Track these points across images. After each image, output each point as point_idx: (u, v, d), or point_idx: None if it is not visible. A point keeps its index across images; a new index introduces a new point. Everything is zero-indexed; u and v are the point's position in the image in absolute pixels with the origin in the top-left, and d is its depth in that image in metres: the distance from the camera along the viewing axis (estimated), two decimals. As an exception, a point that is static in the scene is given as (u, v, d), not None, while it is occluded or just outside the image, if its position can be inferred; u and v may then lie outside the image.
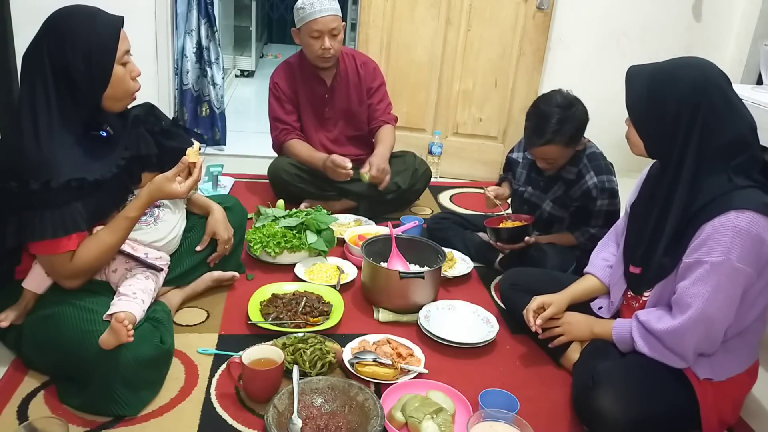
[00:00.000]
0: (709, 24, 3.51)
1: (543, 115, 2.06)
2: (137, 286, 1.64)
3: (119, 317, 1.45)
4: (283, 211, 2.45)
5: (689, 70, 1.45)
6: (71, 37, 1.50)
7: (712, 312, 1.41)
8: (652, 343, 1.50)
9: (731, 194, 1.38)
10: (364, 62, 2.86)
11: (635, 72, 1.52)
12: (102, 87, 1.55)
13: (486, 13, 3.31)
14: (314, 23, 2.57)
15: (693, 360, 1.48)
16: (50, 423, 1.27)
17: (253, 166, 3.35)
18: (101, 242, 1.59)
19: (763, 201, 1.38)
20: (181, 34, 3.42)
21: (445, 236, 2.48)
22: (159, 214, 1.81)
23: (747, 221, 1.35)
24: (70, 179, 1.48)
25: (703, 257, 1.39)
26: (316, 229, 2.32)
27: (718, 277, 1.38)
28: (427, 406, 1.49)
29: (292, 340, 1.75)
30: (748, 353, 1.53)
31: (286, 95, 2.77)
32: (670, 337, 1.46)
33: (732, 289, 1.40)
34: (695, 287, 1.41)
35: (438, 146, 3.48)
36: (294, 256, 2.27)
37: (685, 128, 1.43)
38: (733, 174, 1.40)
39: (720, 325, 1.43)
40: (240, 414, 1.54)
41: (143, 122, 1.76)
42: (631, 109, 1.52)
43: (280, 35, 7.94)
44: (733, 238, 1.35)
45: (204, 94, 3.55)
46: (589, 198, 2.16)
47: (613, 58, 3.56)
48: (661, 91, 1.45)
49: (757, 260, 1.38)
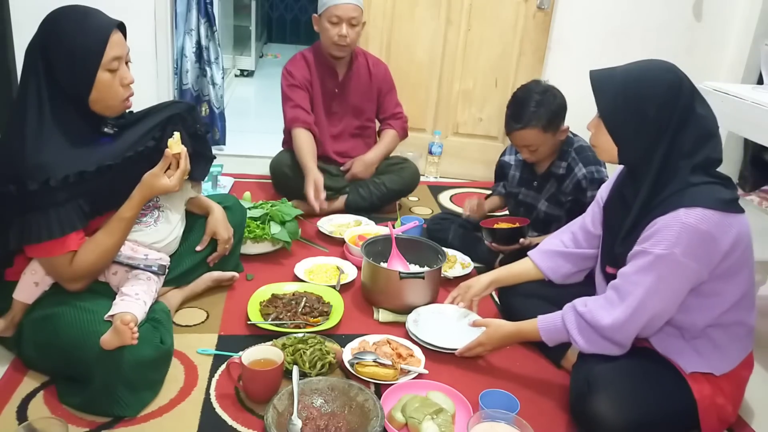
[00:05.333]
0: (709, 24, 3.51)
1: (520, 101, 2.13)
2: (139, 287, 1.64)
3: (125, 319, 1.45)
4: (249, 202, 2.48)
5: (662, 72, 1.44)
6: (58, 38, 1.49)
7: (652, 303, 1.43)
8: (590, 337, 1.52)
9: (684, 192, 1.40)
10: (376, 63, 2.90)
11: (603, 78, 1.48)
12: (85, 91, 1.53)
13: (486, 13, 3.31)
14: (335, 8, 2.63)
15: (629, 347, 1.51)
16: (50, 423, 1.27)
17: (253, 165, 3.35)
18: (99, 244, 1.58)
19: (718, 197, 1.38)
20: (181, 34, 3.41)
21: (445, 236, 2.48)
22: (159, 216, 1.81)
23: (695, 218, 1.35)
24: (68, 175, 1.47)
25: (649, 248, 1.40)
26: (280, 220, 2.36)
27: (660, 269, 1.39)
28: (427, 407, 1.49)
29: (292, 340, 1.75)
30: (738, 347, 1.52)
31: (300, 83, 2.76)
32: (612, 330, 1.48)
33: (675, 283, 1.41)
34: (637, 275, 1.43)
35: (438, 146, 3.48)
36: (257, 247, 2.31)
37: (662, 130, 1.42)
38: (692, 171, 1.41)
39: (659, 316, 1.46)
40: (240, 414, 1.54)
41: (183, 120, 1.75)
42: (606, 117, 1.48)
43: (279, 35, 7.94)
44: (679, 233, 1.36)
45: (203, 94, 3.55)
46: (579, 190, 2.17)
47: (613, 58, 3.52)
48: (639, 95, 1.42)
49: (706, 256, 1.38)
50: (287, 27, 7.99)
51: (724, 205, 1.38)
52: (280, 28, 7.95)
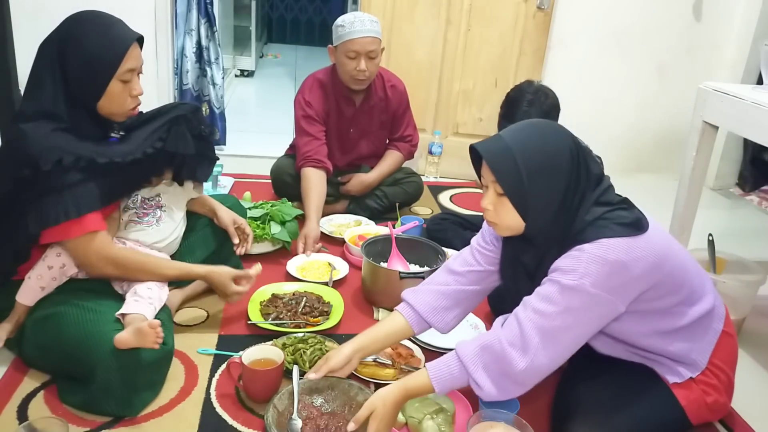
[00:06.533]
0: (709, 24, 3.51)
1: (512, 100, 2.14)
2: (155, 293, 1.66)
3: (153, 323, 1.46)
4: (250, 202, 2.47)
5: (559, 139, 1.34)
6: (79, 43, 1.53)
7: (557, 335, 1.30)
8: (505, 386, 1.32)
9: (584, 231, 1.31)
10: (394, 85, 2.76)
11: (497, 153, 1.32)
12: (95, 97, 1.56)
13: (486, 13, 3.31)
14: (351, 43, 2.47)
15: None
16: (50, 423, 1.27)
17: (253, 165, 3.35)
18: (138, 259, 1.66)
19: (619, 222, 1.31)
20: (181, 34, 3.41)
21: (445, 236, 2.48)
22: (161, 215, 1.81)
23: (602, 249, 1.28)
24: (80, 157, 1.50)
25: (556, 277, 1.30)
26: (281, 220, 2.36)
27: (569, 300, 1.28)
28: (427, 406, 1.49)
29: (292, 340, 1.75)
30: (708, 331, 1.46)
31: (319, 116, 2.62)
32: (529, 375, 1.31)
33: (584, 316, 1.30)
34: (542, 304, 1.30)
35: (438, 146, 3.48)
36: (257, 247, 2.30)
37: (572, 194, 1.34)
38: (588, 212, 1.33)
39: (563, 349, 1.32)
40: (240, 414, 1.54)
41: (187, 122, 1.77)
42: (513, 196, 1.33)
43: (279, 35, 7.95)
44: (588, 264, 1.27)
45: (204, 94, 3.55)
46: None
47: (613, 58, 3.57)
48: (544, 171, 1.31)
49: (620, 287, 1.29)
50: (287, 27, 7.99)
51: (628, 229, 1.30)
52: (280, 29, 7.95)
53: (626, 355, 1.50)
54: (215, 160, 1.94)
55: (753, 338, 2.10)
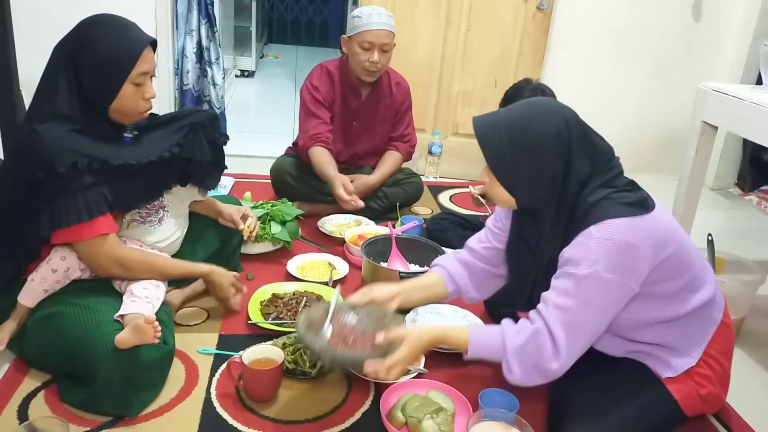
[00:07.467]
0: (709, 24, 3.52)
1: (511, 98, 2.15)
2: (150, 291, 1.66)
3: (149, 318, 1.47)
4: (250, 202, 2.48)
5: (548, 119, 1.35)
6: (94, 44, 1.54)
7: (581, 327, 1.34)
8: (532, 377, 1.38)
9: (589, 212, 1.33)
10: (398, 83, 2.80)
11: (486, 127, 1.38)
12: (107, 99, 1.58)
13: (486, 14, 3.31)
14: (367, 34, 2.51)
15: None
16: (50, 423, 1.27)
17: (254, 166, 3.35)
18: (145, 259, 1.68)
19: (624, 202, 1.33)
20: (182, 35, 3.42)
21: (445, 236, 2.48)
22: (163, 215, 1.82)
23: (608, 230, 1.29)
24: (94, 160, 1.52)
25: (570, 270, 1.32)
26: (281, 220, 2.36)
27: (586, 291, 1.31)
28: (427, 406, 1.49)
29: (293, 339, 1.75)
30: (703, 323, 1.47)
31: (325, 100, 2.65)
32: (557, 373, 1.37)
33: (602, 303, 1.33)
34: (562, 299, 1.33)
35: (438, 146, 3.48)
36: (258, 246, 2.31)
37: (558, 179, 1.35)
38: (592, 193, 1.35)
39: (589, 339, 1.37)
40: (240, 414, 1.54)
41: (204, 129, 1.78)
42: (496, 171, 1.39)
43: (280, 35, 7.96)
44: (597, 249, 1.29)
45: (204, 94, 3.55)
46: None
47: (613, 58, 3.57)
48: (528, 150, 1.35)
49: (630, 267, 1.31)
50: (288, 28, 8.00)
51: (632, 209, 1.32)
52: (281, 29, 7.96)
53: (621, 351, 1.51)
54: (224, 168, 1.94)
55: (752, 338, 2.10)
